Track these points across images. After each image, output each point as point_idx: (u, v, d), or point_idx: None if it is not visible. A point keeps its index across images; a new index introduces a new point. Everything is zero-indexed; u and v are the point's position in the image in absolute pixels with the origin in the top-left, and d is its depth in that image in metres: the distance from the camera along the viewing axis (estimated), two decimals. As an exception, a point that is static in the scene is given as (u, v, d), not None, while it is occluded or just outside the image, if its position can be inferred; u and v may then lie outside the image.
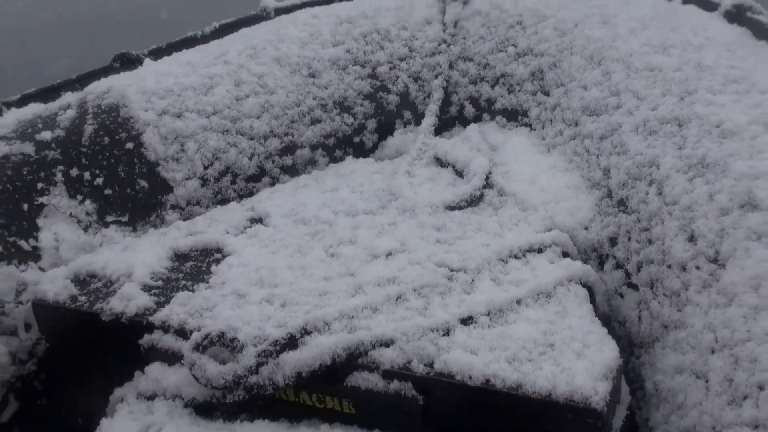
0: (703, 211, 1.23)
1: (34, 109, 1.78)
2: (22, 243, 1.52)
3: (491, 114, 2.05)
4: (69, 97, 1.82)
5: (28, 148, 1.64)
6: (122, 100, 1.76)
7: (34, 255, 1.53)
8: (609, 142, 1.55)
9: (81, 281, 1.45)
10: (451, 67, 2.14)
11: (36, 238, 1.55)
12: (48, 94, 1.82)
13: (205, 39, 2.07)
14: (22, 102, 1.80)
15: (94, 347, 1.42)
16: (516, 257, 1.41)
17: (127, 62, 1.94)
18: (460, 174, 1.78)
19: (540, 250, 1.42)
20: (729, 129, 1.32)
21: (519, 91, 1.98)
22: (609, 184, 1.51)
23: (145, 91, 1.80)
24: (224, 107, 1.86)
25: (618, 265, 1.42)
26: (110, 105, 1.75)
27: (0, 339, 1.40)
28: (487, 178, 1.71)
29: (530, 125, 1.94)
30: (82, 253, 1.57)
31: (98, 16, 7.83)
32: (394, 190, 1.71)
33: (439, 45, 2.16)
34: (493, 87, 2.04)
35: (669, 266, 1.25)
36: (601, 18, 1.87)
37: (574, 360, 1.11)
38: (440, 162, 1.87)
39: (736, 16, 1.73)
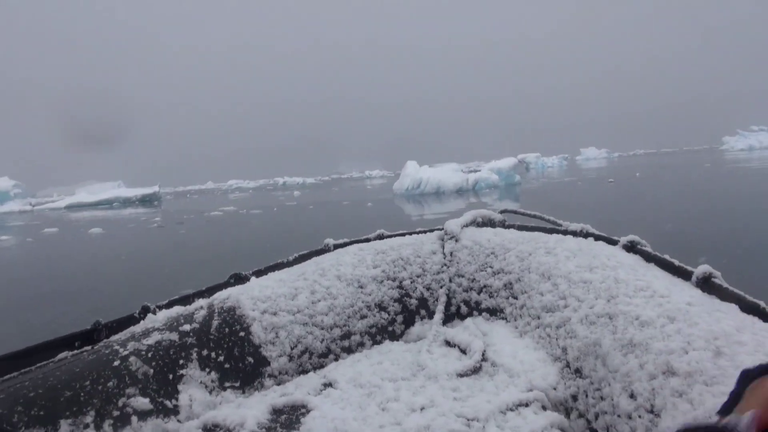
0: (637, 376, 1.35)
1: (178, 310, 2.05)
2: (167, 402, 1.73)
3: (479, 311, 2.30)
4: (201, 302, 2.09)
5: (174, 336, 1.87)
6: (237, 304, 2.05)
7: (175, 411, 1.72)
8: (563, 330, 1.74)
9: (208, 430, 1.62)
10: (450, 281, 2.43)
11: (177, 399, 1.75)
12: (186, 299, 2.13)
13: (289, 264, 2.47)
14: (169, 305, 2.09)
15: None
16: (510, 410, 1.58)
17: (239, 279, 2.29)
18: (464, 352, 2.02)
19: (526, 405, 1.60)
20: (645, 320, 1.47)
21: (497, 296, 2.23)
22: (567, 358, 1.67)
23: (253, 298, 2.09)
24: (304, 308, 2.13)
25: (581, 415, 1.56)
26: (230, 307, 2.04)
27: None
28: (483, 355, 1.92)
29: (506, 319, 2.15)
30: (208, 409, 1.76)
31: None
32: (421, 363, 1.94)
33: (442, 267, 2.47)
34: (479, 294, 2.32)
35: (618, 416, 1.37)
36: (545, 250, 2.17)
37: None
38: (449, 344, 2.11)
39: (630, 248, 2.00)
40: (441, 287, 2.43)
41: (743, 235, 8.14)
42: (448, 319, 2.37)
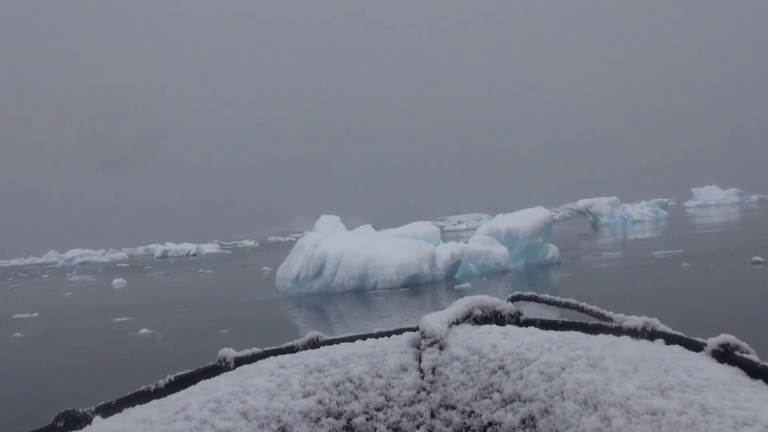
0: None
1: None
2: None
3: None
4: None
5: None
6: None
7: None
8: None
9: None
10: (433, 416, 1.96)
11: None
12: None
13: (160, 393, 1.88)
14: None
15: None
16: None
17: (74, 422, 1.72)
18: None
19: None
20: None
21: None
22: None
23: None
24: None
25: None
26: None
27: None
28: None
29: None
30: None
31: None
32: None
33: (418, 393, 2.00)
34: None
35: None
36: (587, 361, 1.84)
37: None
38: None
39: (724, 355, 1.72)
40: (418, 427, 1.91)
41: None
42: None
